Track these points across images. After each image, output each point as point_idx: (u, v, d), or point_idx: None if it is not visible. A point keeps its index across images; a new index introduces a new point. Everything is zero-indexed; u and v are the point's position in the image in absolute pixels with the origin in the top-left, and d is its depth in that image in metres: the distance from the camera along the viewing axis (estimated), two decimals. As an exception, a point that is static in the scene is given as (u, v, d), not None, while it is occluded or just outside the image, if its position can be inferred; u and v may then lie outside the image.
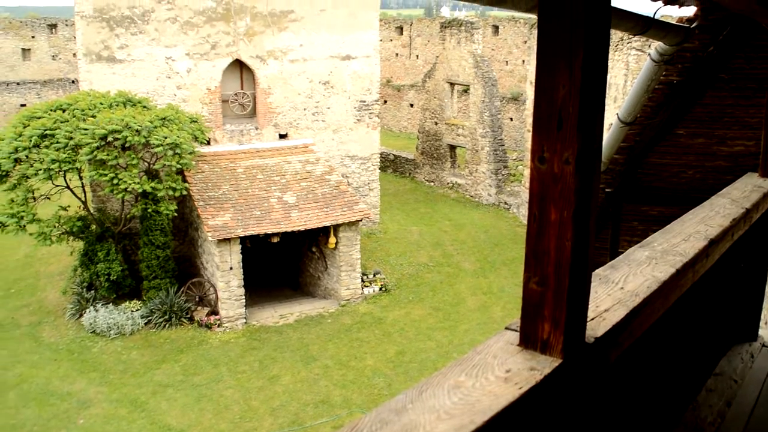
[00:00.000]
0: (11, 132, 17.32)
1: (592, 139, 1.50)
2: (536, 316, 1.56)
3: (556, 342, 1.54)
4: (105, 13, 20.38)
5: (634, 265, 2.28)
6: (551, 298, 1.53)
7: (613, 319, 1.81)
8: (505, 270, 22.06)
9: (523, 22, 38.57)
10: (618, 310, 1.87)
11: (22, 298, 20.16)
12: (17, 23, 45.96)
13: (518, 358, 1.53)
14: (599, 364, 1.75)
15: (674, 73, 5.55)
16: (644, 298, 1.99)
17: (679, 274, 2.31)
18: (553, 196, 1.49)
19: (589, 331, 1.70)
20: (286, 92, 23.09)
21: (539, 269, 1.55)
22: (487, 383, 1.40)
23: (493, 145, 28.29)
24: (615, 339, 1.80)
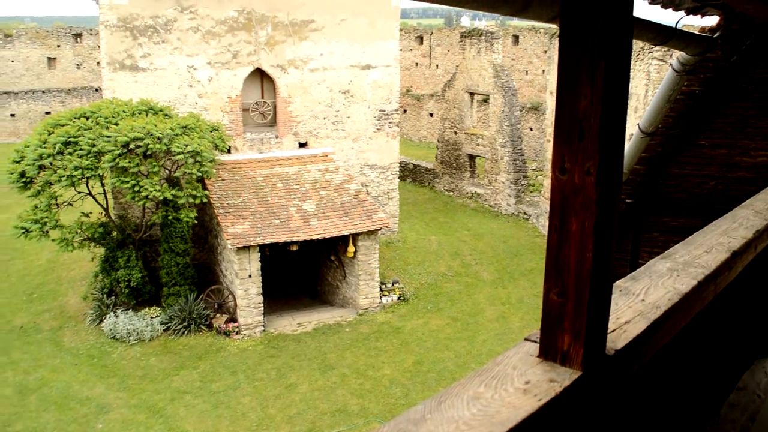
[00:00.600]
0: (36, 139, 17.57)
1: (613, 149, 1.49)
2: (556, 327, 1.55)
3: (576, 354, 1.53)
4: (129, 23, 20.65)
5: (656, 277, 2.26)
6: (571, 310, 1.52)
7: (634, 332, 1.80)
8: (524, 280, 21.95)
9: (543, 32, 38.50)
10: (639, 323, 1.86)
11: (44, 302, 20.39)
12: (44, 33, 46.72)
13: (538, 370, 1.52)
14: (619, 376, 1.73)
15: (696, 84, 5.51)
16: (665, 311, 1.97)
17: (701, 287, 2.28)
18: (574, 206, 1.48)
19: (609, 344, 1.68)
20: (306, 101, 23.22)
21: (560, 280, 1.54)
22: (506, 394, 1.40)
23: (513, 155, 28.21)
24: (636, 351, 1.78)
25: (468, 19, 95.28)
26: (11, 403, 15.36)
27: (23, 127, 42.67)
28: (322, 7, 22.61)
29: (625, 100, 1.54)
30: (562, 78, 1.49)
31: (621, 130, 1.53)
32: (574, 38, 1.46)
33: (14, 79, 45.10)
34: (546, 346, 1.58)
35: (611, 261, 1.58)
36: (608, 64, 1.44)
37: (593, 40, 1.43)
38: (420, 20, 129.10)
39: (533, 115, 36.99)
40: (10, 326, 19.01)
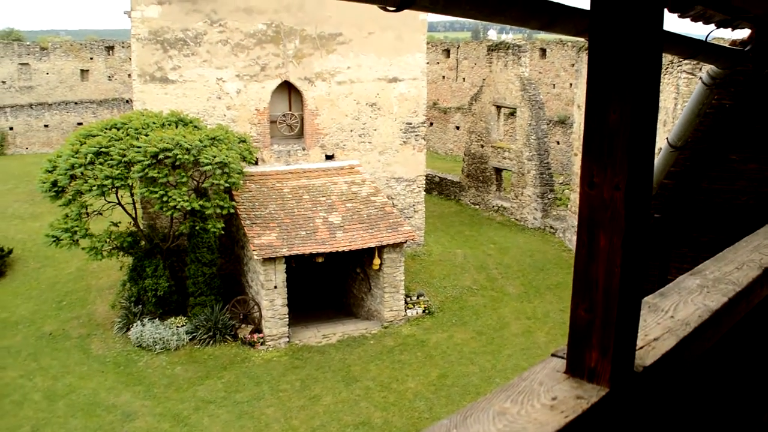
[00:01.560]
0: (68, 149, 17.87)
1: (642, 164, 1.48)
2: (584, 343, 1.54)
3: (604, 370, 1.51)
4: (159, 36, 20.97)
5: (685, 294, 2.23)
6: (599, 326, 1.51)
7: (663, 349, 1.77)
8: (550, 295, 21.76)
9: (570, 45, 38.36)
10: (668, 339, 1.83)
11: (73, 310, 20.67)
12: (78, 46, 47.67)
13: (564, 386, 1.50)
14: (648, 394, 1.71)
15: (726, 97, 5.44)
16: (695, 328, 1.94)
17: (732, 304, 2.24)
18: (602, 221, 1.47)
19: (637, 360, 1.66)
20: (334, 114, 23.35)
21: (588, 296, 1.53)
22: (532, 410, 1.38)
23: (540, 169, 28.06)
24: (665, 369, 1.76)
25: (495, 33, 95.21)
26: (40, 408, 15.57)
27: (56, 137, 43.45)
28: (350, 21, 22.76)
29: (655, 115, 1.53)
30: (590, 92, 1.48)
31: (651, 145, 1.52)
32: (604, 52, 1.46)
33: (48, 90, 46.02)
34: (573, 362, 1.56)
35: (640, 277, 1.57)
36: (638, 78, 1.43)
37: (623, 54, 1.43)
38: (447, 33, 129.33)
39: (560, 129, 36.79)
40: (40, 333, 19.30)
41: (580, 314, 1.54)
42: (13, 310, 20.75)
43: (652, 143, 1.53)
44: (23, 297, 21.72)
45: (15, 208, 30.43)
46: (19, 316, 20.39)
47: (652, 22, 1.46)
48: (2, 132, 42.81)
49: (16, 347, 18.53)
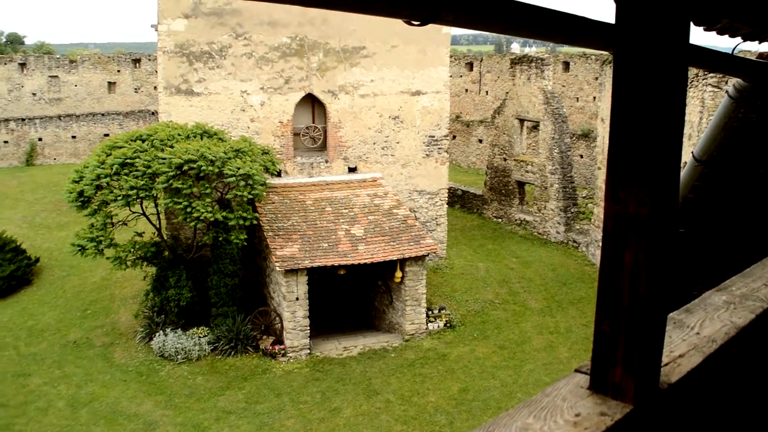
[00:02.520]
0: (95, 160, 18.11)
1: (668, 179, 1.47)
2: (608, 359, 1.52)
3: (628, 387, 1.50)
4: (185, 49, 21.23)
5: (711, 310, 2.20)
6: (624, 342, 1.49)
7: (689, 366, 1.75)
8: (573, 310, 21.56)
9: (594, 59, 38.20)
10: (693, 356, 1.81)
11: (97, 319, 20.88)
12: (105, 58, 48.46)
13: (588, 402, 1.49)
14: (673, 411, 1.68)
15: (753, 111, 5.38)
16: (721, 345, 1.91)
17: (760, 321, 2.21)
18: (627, 236, 1.46)
19: (662, 377, 1.64)
20: (357, 126, 23.44)
21: (612, 311, 1.51)
22: (555, 427, 1.37)
23: (563, 183, 27.90)
24: (690, 386, 1.73)
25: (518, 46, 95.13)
26: (63, 416, 15.72)
27: (83, 148, 44.09)
28: (374, 34, 22.88)
29: (680, 129, 1.52)
30: (615, 106, 1.48)
31: (676, 160, 1.50)
32: (629, 67, 1.45)
33: (77, 102, 46.77)
34: (597, 378, 1.55)
35: (665, 292, 1.55)
36: (664, 92, 1.42)
37: (648, 68, 1.42)
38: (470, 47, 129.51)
39: (584, 143, 36.58)
40: (64, 341, 19.52)
41: (605, 330, 1.53)
42: (39, 318, 21.02)
43: (677, 158, 1.52)
44: (49, 305, 22.00)
45: (42, 217, 30.88)
46: (45, 323, 20.65)
47: (678, 36, 1.45)
48: (32, 143, 43.54)
49: (42, 354, 18.75)
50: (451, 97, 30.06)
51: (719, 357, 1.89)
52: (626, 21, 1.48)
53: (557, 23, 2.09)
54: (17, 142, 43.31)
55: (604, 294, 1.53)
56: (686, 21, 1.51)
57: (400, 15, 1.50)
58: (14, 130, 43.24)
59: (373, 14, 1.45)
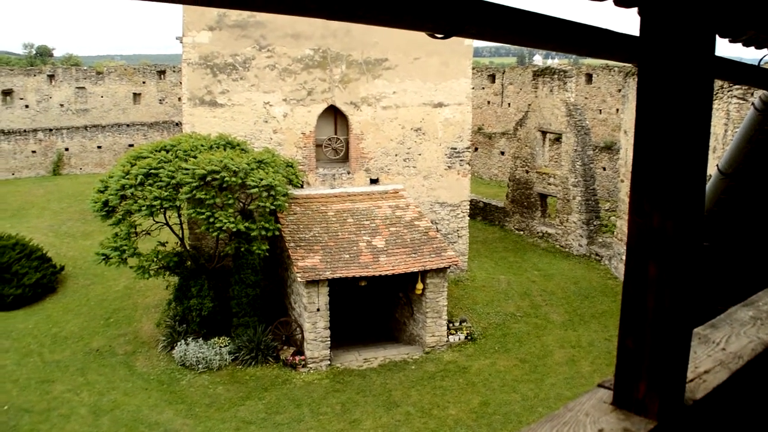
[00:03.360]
0: (119, 170, 18.32)
1: (693, 192, 1.46)
2: (631, 374, 1.51)
3: (652, 403, 1.48)
4: (209, 61, 21.46)
5: (737, 326, 2.17)
6: (648, 357, 1.48)
7: (714, 382, 1.72)
8: (595, 323, 21.35)
9: (617, 71, 37.99)
10: (719, 373, 1.78)
11: (119, 327, 21.06)
12: (131, 70, 49.18)
13: (611, 418, 1.47)
14: (698, 428, 1.66)
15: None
16: (748, 361, 1.88)
17: (788, 337, 2.17)
18: (652, 250, 1.44)
19: (687, 393, 1.62)
20: (379, 138, 23.50)
21: (636, 326, 1.50)
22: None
23: (585, 195, 27.72)
24: (716, 403, 1.70)
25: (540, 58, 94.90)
26: (86, 423, 15.83)
27: (108, 158, 44.69)
28: (396, 46, 22.97)
29: (706, 142, 1.50)
30: (640, 119, 1.47)
31: (702, 173, 1.49)
32: (653, 79, 1.45)
33: (103, 113, 47.46)
34: (620, 393, 1.53)
35: (690, 307, 1.53)
36: (689, 105, 1.41)
37: (673, 81, 1.41)
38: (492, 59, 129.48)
39: (606, 155, 36.35)
40: (87, 348, 19.71)
41: (628, 345, 1.51)
42: (63, 326, 21.25)
43: (703, 171, 1.50)
44: (73, 313, 22.24)
45: (68, 226, 31.29)
46: (69, 331, 20.87)
47: (703, 49, 1.44)
48: (59, 152, 44.23)
49: (65, 362, 18.94)
50: (473, 109, 30.05)
51: (746, 373, 1.86)
52: (651, 34, 1.48)
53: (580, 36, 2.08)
54: (45, 152, 44.01)
55: (627, 308, 1.52)
56: (711, 33, 1.50)
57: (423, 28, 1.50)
58: (42, 140, 43.96)
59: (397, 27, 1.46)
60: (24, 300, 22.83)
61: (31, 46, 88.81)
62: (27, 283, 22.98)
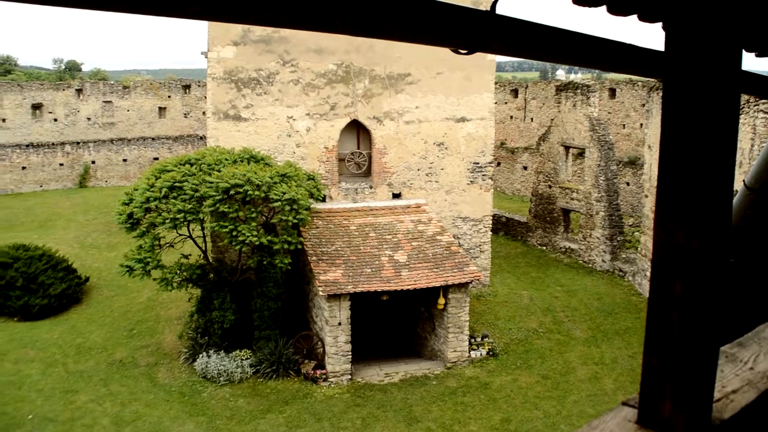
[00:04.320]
0: (144, 183, 18.52)
1: (719, 208, 1.44)
2: (657, 393, 1.49)
3: (678, 422, 1.46)
4: (234, 75, 21.70)
5: (765, 344, 2.13)
6: (674, 375, 1.46)
7: (742, 402, 1.69)
8: (619, 340, 21.10)
9: (641, 85, 37.76)
10: (747, 392, 1.75)
11: (142, 339, 21.21)
12: (157, 84, 49.82)
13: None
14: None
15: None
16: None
17: (817, 356, 2.13)
18: (677, 267, 1.43)
19: (714, 413, 1.59)
20: (401, 152, 23.54)
21: (661, 343, 1.48)
22: (602, 460, 1.34)
23: (609, 210, 27.50)
24: (744, 423, 1.68)
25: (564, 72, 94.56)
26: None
27: (133, 171, 45.26)
28: (419, 61, 23.05)
29: (732, 158, 1.49)
30: (665, 135, 1.46)
31: (728, 189, 1.47)
32: (679, 94, 1.44)
33: (129, 126, 48.10)
34: (645, 412, 1.51)
35: (716, 325, 1.51)
36: (715, 120, 1.40)
37: (699, 96, 1.40)
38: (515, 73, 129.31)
39: (630, 170, 36.08)
40: (111, 359, 19.87)
41: (653, 362, 1.50)
42: (88, 336, 21.46)
43: (730, 186, 1.49)
44: (97, 324, 22.46)
45: (93, 238, 31.66)
46: (93, 342, 21.06)
47: (730, 63, 1.44)
48: (85, 165, 44.91)
49: (89, 372, 19.10)
50: (496, 123, 30.02)
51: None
52: (676, 48, 1.47)
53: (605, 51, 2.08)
54: (72, 165, 44.70)
55: (652, 325, 1.50)
56: (738, 48, 1.49)
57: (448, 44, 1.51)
58: (69, 153, 44.68)
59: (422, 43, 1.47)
60: (49, 310, 23.11)
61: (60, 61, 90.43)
62: (53, 294, 23.26)
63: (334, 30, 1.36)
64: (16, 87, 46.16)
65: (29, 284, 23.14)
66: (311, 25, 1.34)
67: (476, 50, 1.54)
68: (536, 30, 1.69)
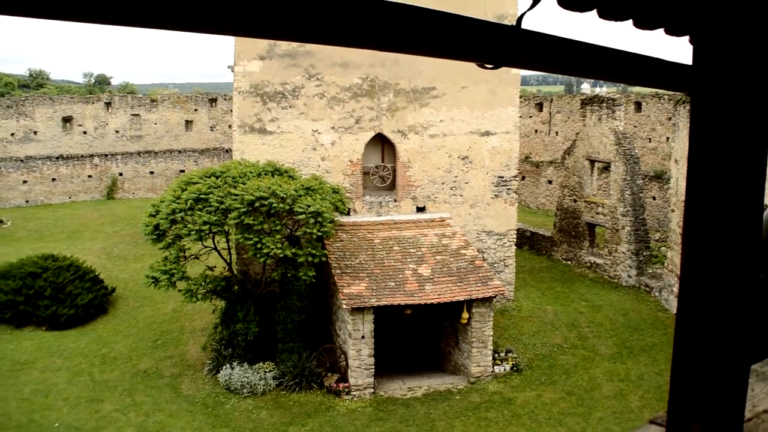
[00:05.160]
0: (170, 195, 18.70)
1: (749, 224, 1.42)
2: (685, 411, 1.46)
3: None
4: (260, 89, 21.90)
5: (797, 363, 2.09)
6: (703, 394, 1.43)
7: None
8: (645, 357, 20.80)
9: (667, 99, 37.42)
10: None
11: (167, 349, 21.36)
12: (184, 98, 50.51)
13: (664, 455, 1.43)
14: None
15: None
16: (809, 400, 1.81)
17: None
18: (706, 283, 1.41)
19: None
20: (425, 166, 23.54)
21: (690, 361, 1.46)
22: (629, 479, 1.32)
23: (635, 225, 27.22)
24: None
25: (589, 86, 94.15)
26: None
27: (160, 183, 45.79)
28: (443, 75, 23.09)
29: (762, 173, 1.47)
30: (693, 150, 1.45)
31: (758, 204, 1.46)
32: (708, 109, 1.43)
33: (156, 139, 48.76)
34: (673, 431, 1.49)
35: (746, 342, 1.49)
36: (744, 135, 1.39)
37: (729, 110, 1.39)
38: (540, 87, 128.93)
39: (656, 184, 35.70)
40: (135, 370, 20.03)
41: (681, 379, 1.47)
42: (113, 346, 21.67)
43: (759, 202, 1.47)
44: (122, 334, 22.67)
45: (120, 249, 32.03)
46: (118, 352, 21.26)
47: (761, 77, 1.42)
48: (113, 177, 45.55)
49: (114, 382, 19.27)
50: (521, 137, 29.92)
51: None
52: (705, 62, 1.46)
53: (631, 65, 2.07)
54: (100, 177, 45.36)
55: (681, 342, 1.48)
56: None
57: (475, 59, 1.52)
58: (98, 165, 45.36)
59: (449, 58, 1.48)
60: (76, 320, 23.40)
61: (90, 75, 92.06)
62: (80, 304, 23.55)
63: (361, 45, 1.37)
64: (47, 100, 47.10)
65: (57, 294, 23.47)
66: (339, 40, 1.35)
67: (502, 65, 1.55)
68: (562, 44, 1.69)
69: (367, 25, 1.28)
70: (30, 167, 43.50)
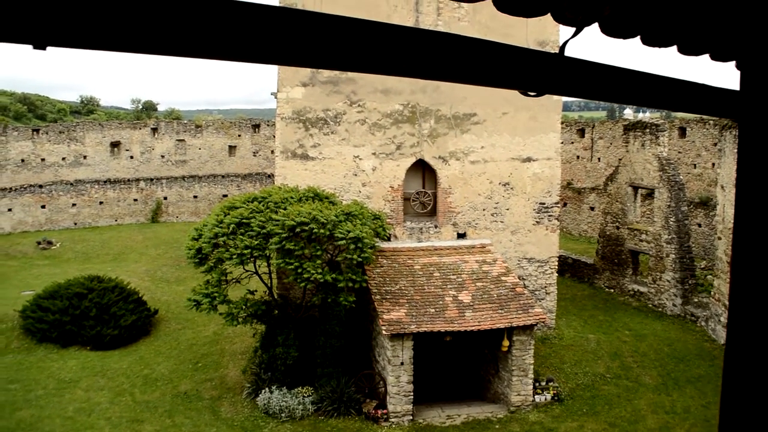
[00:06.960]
0: (213, 219, 18.97)
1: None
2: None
3: (759, 478, 1.39)
4: (302, 115, 22.19)
5: None
6: (755, 429, 1.39)
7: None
8: (691, 388, 20.22)
9: (712, 124, 36.80)
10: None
11: (207, 372, 21.53)
12: (228, 124, 51.49)
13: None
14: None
15: None
16: None
17: None
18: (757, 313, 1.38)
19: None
20: (466, 192, 23.49)
21: (741, 396, 1.42)
22: None
23: (680, 253, 26.66)
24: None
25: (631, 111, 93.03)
26: (171, 469, 16.12)
27: (203, 207, 46.55)
28: (484, 101, 23.10)
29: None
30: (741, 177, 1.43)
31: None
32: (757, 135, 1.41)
33: (200, 164, 49.70)
34: (723, 464, 1.45)
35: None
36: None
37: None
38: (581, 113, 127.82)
39: (702, 211, 34.98)
40: (176, 391, 20.21)
41: (732, 414, 1.43)
42: (155, 368, 21.93)
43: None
44: (164, 356, 22.94)
45: (163, 271, 32.55)
46: (159, 373, 21.50)
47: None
48: (158, 201, 46.48)
49: (154, 403, 19.47)
50: (562, 163, 29.70)
51: None
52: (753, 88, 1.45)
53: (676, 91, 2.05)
54: (145, 200, 46.32)
55: (731, 374, 1.44)
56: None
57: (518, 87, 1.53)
58: (143, 189, 46.38)
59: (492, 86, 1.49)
60: (120, 340, 23.79)
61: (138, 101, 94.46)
62: (123, 325, 23.96)
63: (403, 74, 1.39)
64: (97, 126, 48.51)
65: (102, 315, 23.92)
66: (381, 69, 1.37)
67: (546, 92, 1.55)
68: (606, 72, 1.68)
69: (414, 56, 1.30)
70: (79, 191, 44.70)
